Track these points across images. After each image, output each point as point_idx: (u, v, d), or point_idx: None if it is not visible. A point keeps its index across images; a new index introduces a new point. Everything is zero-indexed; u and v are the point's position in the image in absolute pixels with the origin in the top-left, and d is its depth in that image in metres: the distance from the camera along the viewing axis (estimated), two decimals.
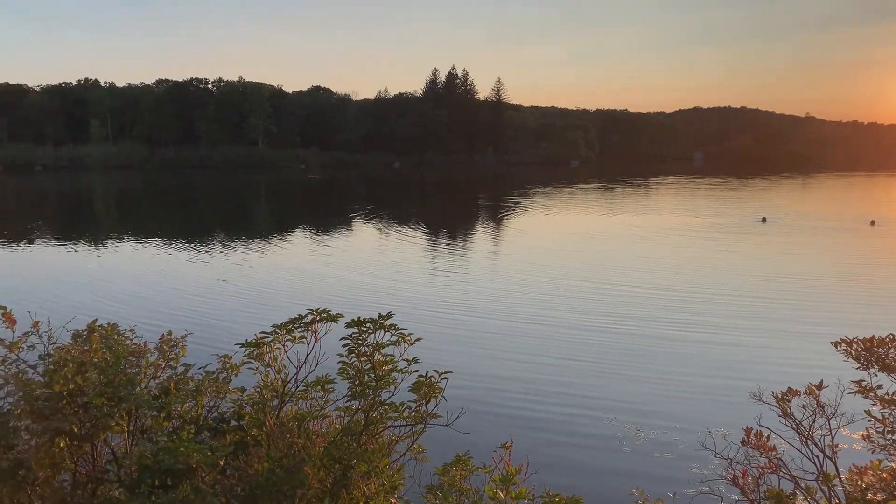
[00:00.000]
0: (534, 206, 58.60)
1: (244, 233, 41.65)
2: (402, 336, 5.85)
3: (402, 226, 44.06)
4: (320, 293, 22.75)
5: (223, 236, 39.49)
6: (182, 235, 39.11)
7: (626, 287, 23.54)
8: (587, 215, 50.41)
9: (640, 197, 69.03)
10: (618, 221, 45.33)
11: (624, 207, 56.51)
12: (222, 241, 37.35)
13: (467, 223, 47.70)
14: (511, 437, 5.93)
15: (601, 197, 68.99)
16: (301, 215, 55.21)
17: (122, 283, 24.74)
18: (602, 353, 16.34)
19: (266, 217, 55.35)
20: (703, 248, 33.76)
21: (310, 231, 42.06)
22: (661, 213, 51.81)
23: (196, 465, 4.71)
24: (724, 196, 69.91)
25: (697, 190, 78.98)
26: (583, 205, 59.61)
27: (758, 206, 55.47)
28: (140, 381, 5.26)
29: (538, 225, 44.72)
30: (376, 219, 49.05)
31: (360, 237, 39.33)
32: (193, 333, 6.21)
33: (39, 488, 5.21)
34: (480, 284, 24.63)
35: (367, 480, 5.23)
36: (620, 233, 39.64)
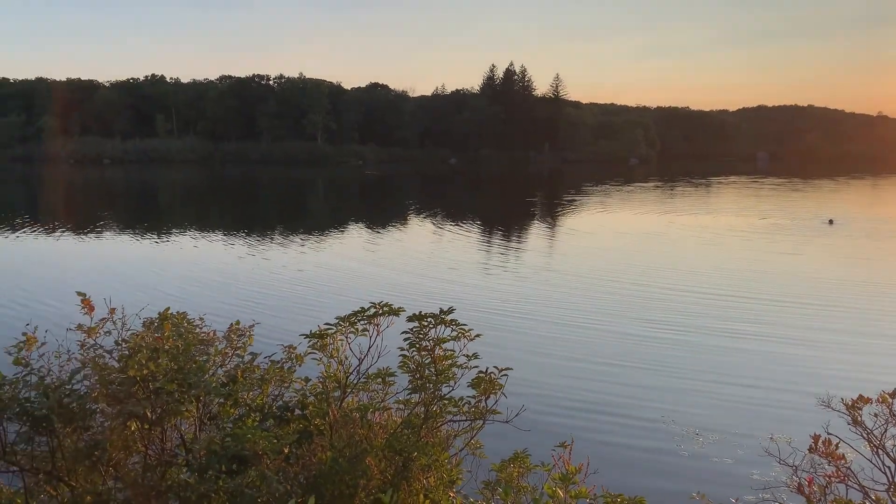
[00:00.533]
0: (590, 204, 57.93)
1: (304, 227, 42.36)
2: (463, 331, 5.88)
3: (458, 222, 44.13)
4: (377, 287, 22.98)
5: (284, 230, 40.25)
6: (245, 228, 40.02)
7: (684, 290, 23.10)
8: (645, 215, 49.59)
9: (700, 197, 67.55)
10: (677, 222, 44.47)
11: (683, 207, 55.39)
12: (283, 234, 38.07)
13: (523, 221, 47.49)
14: (571, 437, 5.90)
15: (660, 196, 67.77)
16: (358, 210, 55.82)
17: (189, 274, 25.46)
18: (661, 356, 16.09)
19: (324, 212, 56.17)
20: (764, 250, 32.84)
21: (367, 226, 42.50)
22: (721, 213, 50.59)
23: (262, 452, 4.83)
24: (789, 197, 67.88)
25: (760, 190, 76.86)
26: (641, 204, 58.65)
27: (824, 208, 53.63)
28: (209, 368, 5.41)
29: (595, 224, 44.20)
30: (431, 215, 49.25)
31: (415, 233, 39.56)
32: (260, 323, 6.36)
33: (112, 469, 5.42)
34: (536, 284, 24.50)
35: (427, 473, 5.28)
36: (679, 234, 38.89)
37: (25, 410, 4.69)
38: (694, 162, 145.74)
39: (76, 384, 5.13)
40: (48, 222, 41.45)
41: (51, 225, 40.09)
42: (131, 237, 36.40)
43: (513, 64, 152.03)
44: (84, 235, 36.50)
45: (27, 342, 5.10)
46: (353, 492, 4.74)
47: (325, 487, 4.88)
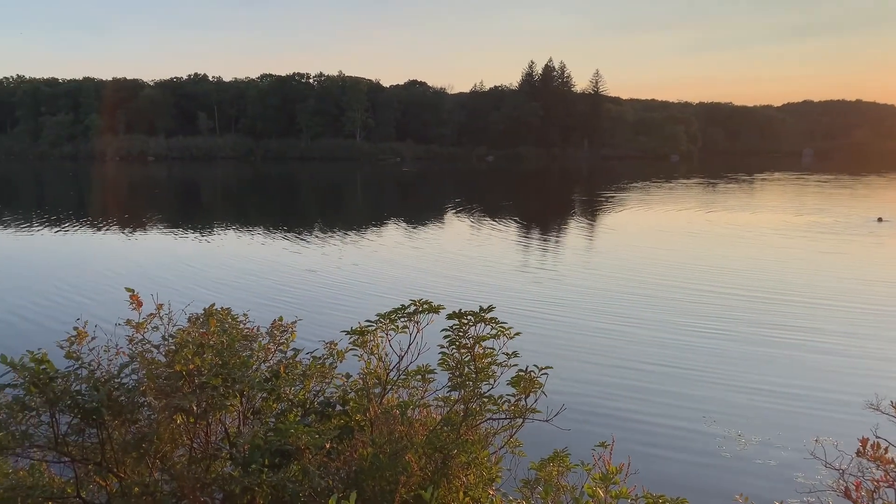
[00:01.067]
0: (630, 201, 57.30)
1: (342, 223, 42.73)
2: (502, 330, 5.87)
3: (495, 219, 44.05)
4: (415, 285, 23.08)
5: (324, 227, 40.65)
6: (285, 225, 40.51)
7: (727, 290, 22.72)
8: (686, 212, 48.89)
9: (742, 194, 66.34)
10: (718, 220, 43.74)
11: (725, 205, 54.45)
12: (322, 231, 38.46)
13: (561, 219, 47.20)
14: (612, 437, 5.85)
15: (701, 194, 66.74)
16: (396, 208, 56.08)
17: (233, 269, 25.87)
18: (701, 355, 15.86)
19: (363, 209, 56.55)
20: (810, 250, 32.12)
21: (404, 223, 42.68)
22: (764, 211, 49.60)
23: (304, 447, 4.89)
24: (836, 194, 66.26)
25: (806, 187, 75.19)
26: (682, 201, 57.81)
27: (873, 206, 52.18)
28: (252, 363, 5.50)
29: (634, 221, 43.73)
30: (469, 212, 49.23)
31: (452, 230, 39.59)
32: (302, 319, 6.44)
33: (159, 461, 5.55)
34: (575, 282, 24.34)
35: (467, 471, 5.29)
36: (721, 233, 38.25)
37: (77, 403, 4.82)
38: (737, 158, 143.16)
39: (124, 378, 5.26)
40: (96, 218, 42.49)
41: (98, 221, 41.10)
42: (175, 233, 37.12)
43: (552, 60, 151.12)
44: (130, 231, 37.33)
45: (78, 336, 5.24)
46: (393, 488, 4.78)
47: (365, 483, 4.93)
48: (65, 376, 4.88)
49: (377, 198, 66.79)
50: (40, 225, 38.57)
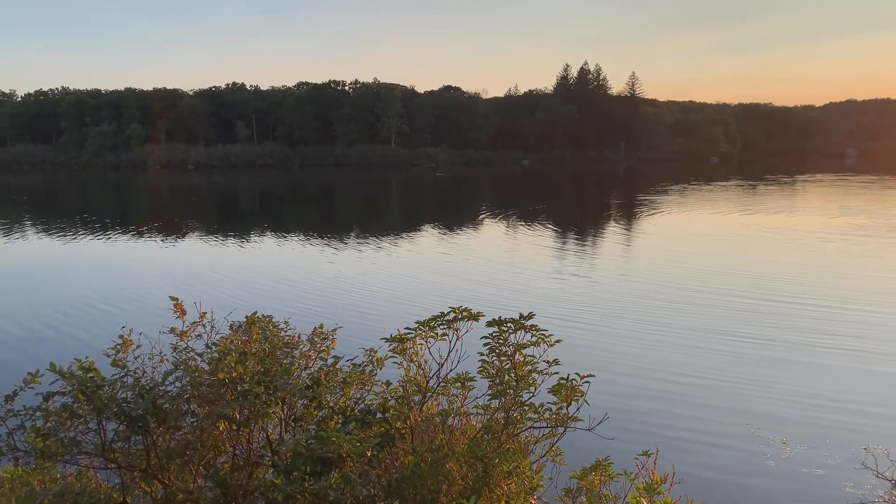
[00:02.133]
0: (668, 204, 56.57)
1: (379, 230, 42.94)
2: (543, 337, 5.83)
3: (530, 225, 43.86)
4: (452, 291, 23.06)
5: (360, 233, 40.90)
6: (323, 232, 40.87)
7: (770, 296, 22.27)
8: (725, 215, 48.10)
9: (783, 196, 65.06)
10: (758, 223, 42.93)
11: (766, 207, 53.43)
12: (359, 237, 38.69)
13: (597, 222, 46.81)
14: (657, 446, 5.76)
15: (741, 196, 65.61)
16: (431, 214, 56.18)
17: (272, 277, 26.14)
18: (744, 363, 15.55)
19: (398, 215, 56.79)
20: (855, 253, 31.34)
21: (440, 230, 42.72)
22: (806, 213, 48.56)
23: (346, 455, 4.90)
24: (881, 195, 64.63)
25: (849, 188, 73.44)
26: (721, 204, 56.91)
27: None
28: (293, 371, 5.53)
29: (672, 225, 43.16)
30: (504, 217, 49.10)
31: (488, 236, 39.51)
32: (342, 327, 6.46)
33: (202, 468, 5.61)
34: (615, 288, 24.05)
35: (508, 480, 5.24)
36: (762, 235, 37.54)
37: (123, 410, 4.89)
38: (777, 160, 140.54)
39: (168, 385, 5.34)
40: (138, 226, 43.37)
41: (140, 229, 41.94)
42: (215, 241, 37.68)
43: (587, 63, 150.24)
44: (171, 239, 38.01)
45: (124, 344, 5.33)
46: (434, 496, 4.76)
47: (406, 491, 4.92)
48: (111, 384, 4.96)
49: (412, 203, 67.03)
50: (85, 233, 39.50)
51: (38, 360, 14.40)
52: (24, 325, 18.76)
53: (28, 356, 15.88)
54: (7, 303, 21.39)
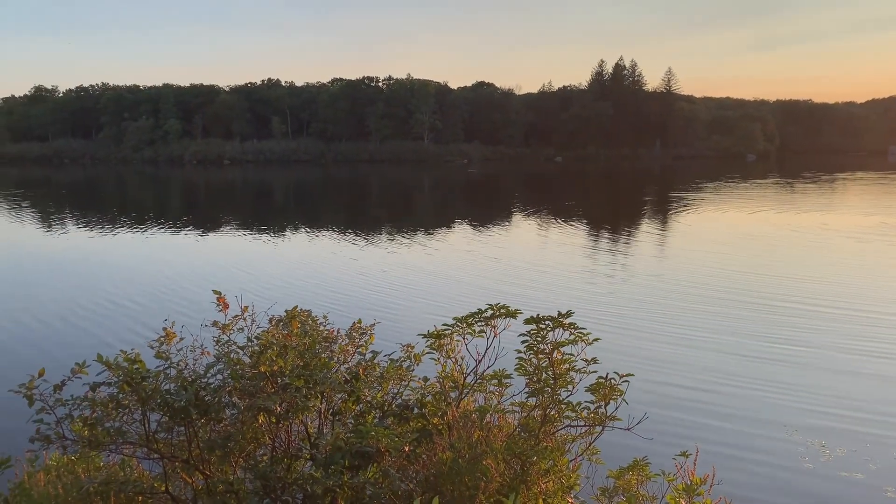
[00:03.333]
0: (704, 202, 55.80)
1: (412, 226, 43.04)
2: (581, 335, 5.79)
3: (564, 222, 43.61)
4: (486, 288, 23.04)
5: (395, 229, 41.04)
6: (357, 227, 41.12)
7: (808, 297, 21.85)
8: (763, 214, 47.29)
9: (822, 195, 63.73)
10: (797, 222, 42.14)
11: (804, 206, 52.39)
12: (394, 233, 38.82)
13: (632, 220, 46.36)
14: (697, 447, 5.69)
15: (778, 194, 64.45)
16: (464, 210, 56.13)
17: (309, 271, 26.35)
18: (782, 365, 15.30)
19: (432, 211, 56.87)
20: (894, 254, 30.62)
21: (473, 226, 42.68)
22: (845, 213, 47.44)
23: (385, 450, 4.93)
24: None
25: (891, 187, 71.76)
26: (759, 202, 55.95)
27: None
28: (332, 365, 5.58)
29: (709, 224, 42.56)
30: (537, 214, 48.89)
31: (521, 233, 39.37)
32: (380, 322, 6.50)
33: (242, 460, 5.69)
34: (651, 288, 23.74)
35: (546, 478, 5.23)
36: (800, 235, 36.82)
37: (166, 402, 4.98)
38: (817, 157, 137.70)
39: (210, 378, 5.42)
40: (177, 221, 44.06)
41: (180, 223, 42.60)
42: (253, 235, 38.13)
43: (622, 58, 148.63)
44: (210, 233, 38.56)
45: (167, 337, 5.42)
46: (472, 493, 4.76)
47: (444, 487, 4.93)
48: (155, 375, 5.05)
49: (445, 200, 67.09)
50: (126, 227, 40.24)
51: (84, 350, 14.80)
52: (69, 317, 19.18)
53: (74, 347, 16.23)
54: (53, 295, 21.89)
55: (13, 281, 23.96)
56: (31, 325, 18.33)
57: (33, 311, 19.69)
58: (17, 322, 18.62)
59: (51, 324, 18.51)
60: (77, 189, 76.55)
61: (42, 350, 16.18)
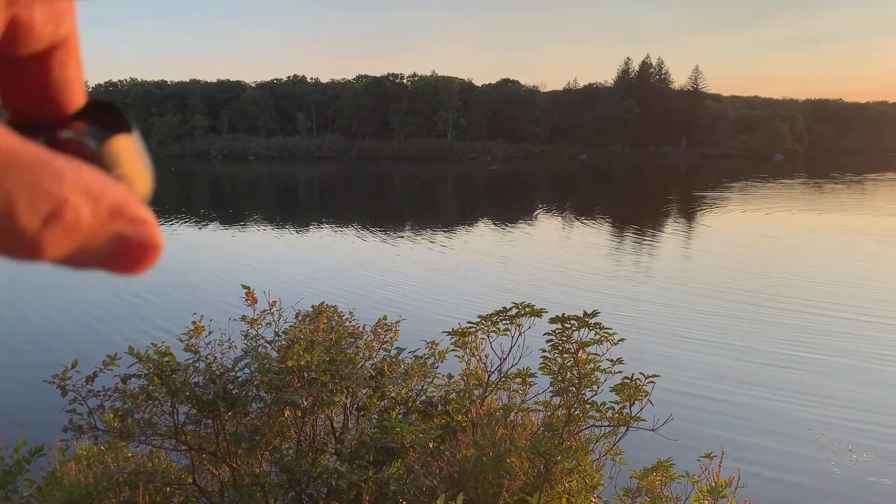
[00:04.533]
0: (730, 202, 55.22)
1: (435, 223, 43.10)
2: (606, 335, 5.78)
3: (588, 220, 43.42)
4: (509, 286, 23.02)
5: (418, 226, 41.13)
6: (381, 224, 41.24)
7: (835, 300, 21.55)
8: (791, 214, 46.72)
9: (851, 196, 62.79)
10: (826, 224, 41.58)
11: (833, 207, 51.65)
12: (417, 231, 38.91)
13: (657, 219, 46.01)
14: (722, 449, 5.66)
15: (807, 195, 63.60)
16: (487, 208, 56.07)
17: (334, 268, 26.50)
18: (809, 370, 15.13)
19: (455, 208, 56.90)
20: None
21: (496, 224, 42.64)
22: (873, 215, 46.66)
23: (409, 446, 4.96)
24: None
25: None
26: (786, 203, 55.24)
27: None
28: (358, 360, 5.63)
29: (735, 224, 42.12)
30: (561, 213, 48.71)
31: (544, 232, 39.26)
32: (405, 319, 6.53)
33: (268, 453, 5.76)
34: (677, 289, 23.52)
35: (569, 477, 5.23)
36: (827, 236, 36.32)
37: (195, 395, 5.06)
38: (847, 157, 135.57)
39: (237, 371, 5.49)
40: (205, 215, 44.53)
41: (207, 218, 43.04)
42: (279, 230, 38.42)
43: (649, 56, 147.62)
44: (237, 228, 38.94)
45: (196, 330, 5.50)
46: (496, 491, 4.78)
47: (468, 484, 4.95)
48: (184, 369, 5.13)
49: (468, 197, 67.08)
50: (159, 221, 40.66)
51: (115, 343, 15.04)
52: (100, 310, 19.46)
53: (106, 340, 16.47)
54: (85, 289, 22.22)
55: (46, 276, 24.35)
56: (62, 319, 18.64)
57: (65, 305, 20.02)
58: (50, 316, 18.95)
59: (82, 318, 18.80)
60: None
61: (74, 342, 16.44)
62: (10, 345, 16.26)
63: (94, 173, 0.28)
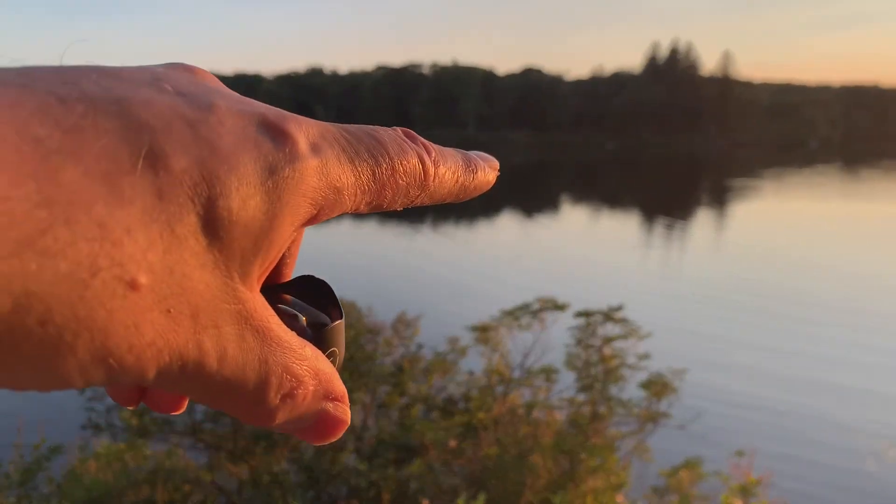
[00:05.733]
0: (762, 191, 54.31)
1: (457, 215, 42.97)
2: (633, 330, 5.64)
3: (614, 211, 43.00)
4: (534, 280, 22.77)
5: (438, 218, 41.03)
6: (400, 218, 41.21)
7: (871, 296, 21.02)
8: (826, 204, 45.85)
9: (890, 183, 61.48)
10: (861, 212, 40.74)
11: (870, 197, 50.62)
12: (437, 223, 38.82)
13: (686, 210, 45.41)
14: (753, 447, 5.49)
15: (842, 183, 62.40)
16: (509, 199, 55.78)
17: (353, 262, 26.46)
18: (844, 367, 14.74)
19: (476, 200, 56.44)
20: None
21: (518, 215, 42.40)
22: None
23: (429, 444, 4.86)
24: None
25: None
26: (821, 192, 54.22)
27: None
28: (377, 357, 5.54)
29: (768, 215, 41.41)
30: (585, 204, 48.30)
31: (569, 223, 38.92)
32: (425, 315, 6.43)
33: (287, 451, 5.70)
34: (707, 283, 22.98)
35: (595, 475, 5.10)
36: (866, 227, 35.55)
37: None
38: (885, 144, 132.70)
39: None
40: None
41: None
42: None
43: (678, 41, 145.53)
44: None
45: None
46: (519, 490, 4.66)
47: (490, 483, 4.84)
48: None
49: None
50: None
51: None
52: None
53: None
54: None
55: None
56: None
57: None
58: None
59: None
60: None
61: None
62: None
63: (318, 354, 0.30)
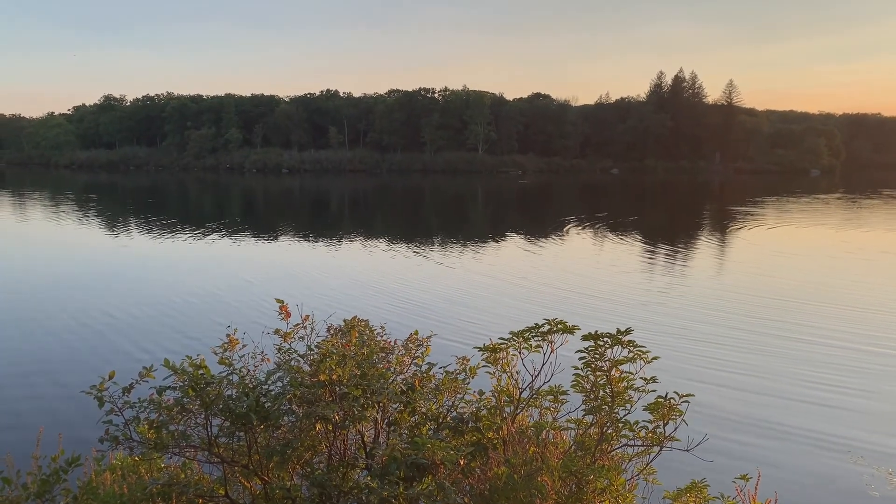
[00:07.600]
0: (764, 218, 54.35)
1: (467, 237, 43.11)
2: (640, 353, 5.71)
3: (620, 236, 43.06)
4: (539, 302, 22.91)
5: (449, 240, 41.14)
6: (412, 237, 41.38)
7: (874, 322, 21.08)
8: (827, 231, 45.86)
9: (889, 212, 61.43)
10: (862, 240, 40.74)
11: (871, 225, 50.61)
12: (449, 245, 38.92)
13: (691, 235, 45.48)
14: (759, 470, 5.54)
15: (843, 211, 62.38)
16: (518, 221, 55.90)
17: (364, 282, 26.59)
18: (848, 392, 14.78)
19: (485, 222, 56.82)
20: None
21: (526, 238, 42.50)
22: None
23: (440, 462, 4.94)
24: None
25: None
26: (822, 219, 54.25)
27: None
28: (389, 376, 5.63)
29: (771, 241, 41.44)
30: (592, 227, 48.38)
31: (575, 247, 38.99)
32: (437, 335, 6.52)
33: (299, 467, 5.77)
34: (712, 307, 23.14)
35: (602, 497, 5.16)
36: (865, 254, 35.56)
37: (228, 407, 5.09)
38: (885, 173, 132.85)
39: (270, 385, 5.52)
40: (239, 228, 45.06)
41: (242, 230, 43.55)
42: (312, 243, 38.75)
43: (682, 70, 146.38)
44: (270, 241, 39.31)
45: (230, 343, 5.55)
46: None
47: (499, 502, 4.91)
48: (218, 381, 5.17)
49: (498, 211, 66.97)
50: (190, 233, 41.32)
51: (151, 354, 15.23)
52: (136, 322, 19.78)
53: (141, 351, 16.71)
54: (121, 301, 22.60)
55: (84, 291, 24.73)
56: (99, 329, 18.97)
57: (102, 316, 20.38)
58: (87, 326, 19.31)
59: (119, 328, 19.12)
60: (146, 194, 78.87)
61: (110, 353, 16.73)
62: (49, 358, 16.57)
63: None
